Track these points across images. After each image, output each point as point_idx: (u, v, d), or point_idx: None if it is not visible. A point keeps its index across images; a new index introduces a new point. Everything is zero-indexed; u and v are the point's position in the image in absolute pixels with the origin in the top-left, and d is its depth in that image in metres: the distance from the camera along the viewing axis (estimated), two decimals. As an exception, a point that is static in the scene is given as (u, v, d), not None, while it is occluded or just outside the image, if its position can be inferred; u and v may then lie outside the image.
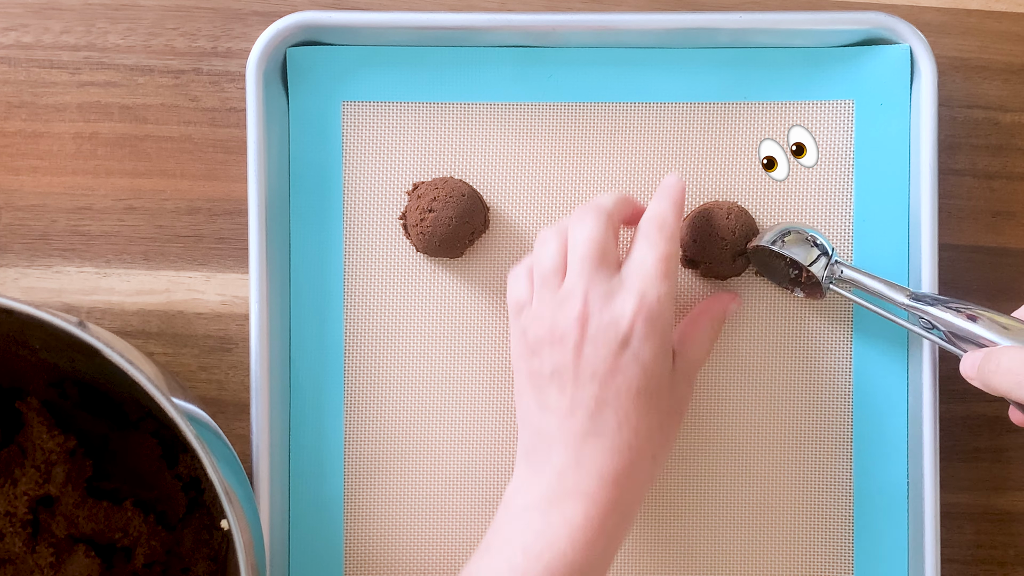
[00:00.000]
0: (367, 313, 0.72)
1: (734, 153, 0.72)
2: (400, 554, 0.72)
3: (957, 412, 0.74)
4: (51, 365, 0.67)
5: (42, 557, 0.66)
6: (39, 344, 0.66)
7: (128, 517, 0.67)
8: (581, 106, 0.71)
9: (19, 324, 0.62)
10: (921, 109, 0.70)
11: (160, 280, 0.72)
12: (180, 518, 0.68)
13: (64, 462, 0.67)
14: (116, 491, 0.69)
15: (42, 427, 0.67)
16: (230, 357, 0.72)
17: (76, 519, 0.67)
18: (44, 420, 0.67)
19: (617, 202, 0.66)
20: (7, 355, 0.67)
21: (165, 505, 0.68)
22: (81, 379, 0.68)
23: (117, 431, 0.69)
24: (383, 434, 0.72)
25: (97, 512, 0.67)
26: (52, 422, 0.67)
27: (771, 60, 0.71)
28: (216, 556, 0.68)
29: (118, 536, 0.67)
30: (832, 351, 0.72)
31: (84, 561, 0.67)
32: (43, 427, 0.67)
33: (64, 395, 0.69)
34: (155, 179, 0.72)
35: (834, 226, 0.72)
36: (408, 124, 0.71)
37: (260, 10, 0.72)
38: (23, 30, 0.72)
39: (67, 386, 0.69)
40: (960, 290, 0.73)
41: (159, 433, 0.69)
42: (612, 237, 0.65)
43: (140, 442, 0.68)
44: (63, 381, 0.68)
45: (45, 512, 0.67)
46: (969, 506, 0.74)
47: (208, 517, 0.68)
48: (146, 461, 0.68)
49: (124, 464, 0.69)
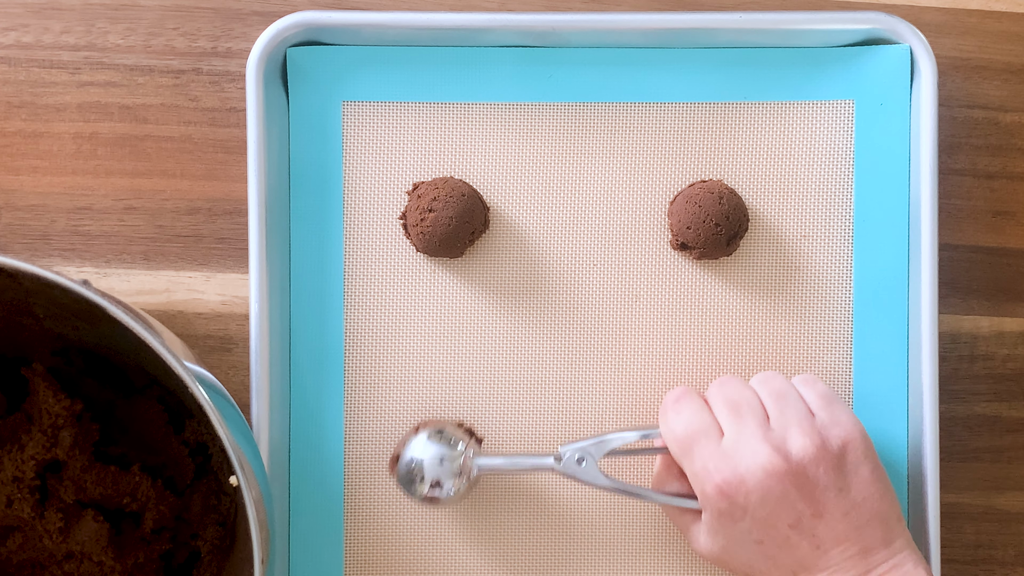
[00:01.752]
0: (367, 313, 0.71)
1: (734, 153, 0.72)
2: (400, 554, 0.72)
3: (957, 412, 0.74)
4: (56, 334, 0.67)
5: (51, 522, 0.66)
6: (43, 313, 0.66)
7: (136, 482, 0.67)
8: (581, 106, 0.71)
9: (23, 292, 0.62)
10: (921, 109, 0.70)
11: (160, 280, 0.72)
12: (188, 484, 0.69)
13: (71, 426, 0.67)
14: (123, 456, 0.69)
15: (48, 391, 0.67)
16: (230, 357, 0.72)
17: (84, 484, 0.67)
18: (50, 385, 0.67)
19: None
20: (11, 324, 0.67)
21: (173, 471, 0.69)
22: (86, 347, 0.68)
23: (123, 398, 0.69)
24: (383, 434, 0.72)
25: (105, 477, 0.67)
26: (58, 386, 0.67)
27: (771, 60, 0.71)
28: (224, 521, 0.69)
29: (126, 501, 0.67)
30: (832, 351, 0.72)
31: (93, 526, 0.67)
32: (49, 391, 0.67)
33: (69, 363, 0.69)
34: (155, 179, 0.72)
35: (834, 226, 0.72)
36: (408, 124, 0.71)
37: (260, 10, 0.72)
38: (23, 30, 0.72)
39: (72, 354, 0.69)
40: (960, 290, 0.73)
41: (164, 400, 0.69)
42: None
43: (146, 408, 0.69)
44: (68, 349, 0.68)
45: (53, 478, 0.67)
46: (969, 506, 0.74)
47: (216, 483, 0.69)
48: (153, 427, 0.68)
49: (131, 430, 0.69)
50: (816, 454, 0.64)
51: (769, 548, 0.64)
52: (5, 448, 0.67)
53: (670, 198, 0.72)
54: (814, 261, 0.72)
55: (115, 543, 0.67)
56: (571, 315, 0.72)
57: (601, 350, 0.72)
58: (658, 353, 0.72)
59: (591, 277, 0.72)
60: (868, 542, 0.64)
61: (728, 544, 0.65)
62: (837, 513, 0.63)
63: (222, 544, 0.69)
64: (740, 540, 0.65)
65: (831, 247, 0.72)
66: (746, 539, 0.64)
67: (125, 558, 0.67)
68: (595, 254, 0.72)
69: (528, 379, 0.72)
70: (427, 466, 0.68)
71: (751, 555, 0.65)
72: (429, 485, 0.68)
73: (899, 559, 0.64)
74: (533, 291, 0.72)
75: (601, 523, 0.72)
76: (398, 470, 0.69)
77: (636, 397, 0.72)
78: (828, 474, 0.64)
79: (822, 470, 0.64)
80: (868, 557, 0.64)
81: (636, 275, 0.72)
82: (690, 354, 0.72)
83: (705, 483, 0.64)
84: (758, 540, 0.64)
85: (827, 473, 0.64)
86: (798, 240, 0.72)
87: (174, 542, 0.69)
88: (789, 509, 0.63)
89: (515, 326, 0.72)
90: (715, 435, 0.65)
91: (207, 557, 0.68)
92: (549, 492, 0.72)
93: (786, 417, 0.65)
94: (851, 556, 0.63)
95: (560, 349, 0.72)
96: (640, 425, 0.71)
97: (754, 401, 0.66)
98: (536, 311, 0.72)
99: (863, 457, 0.65)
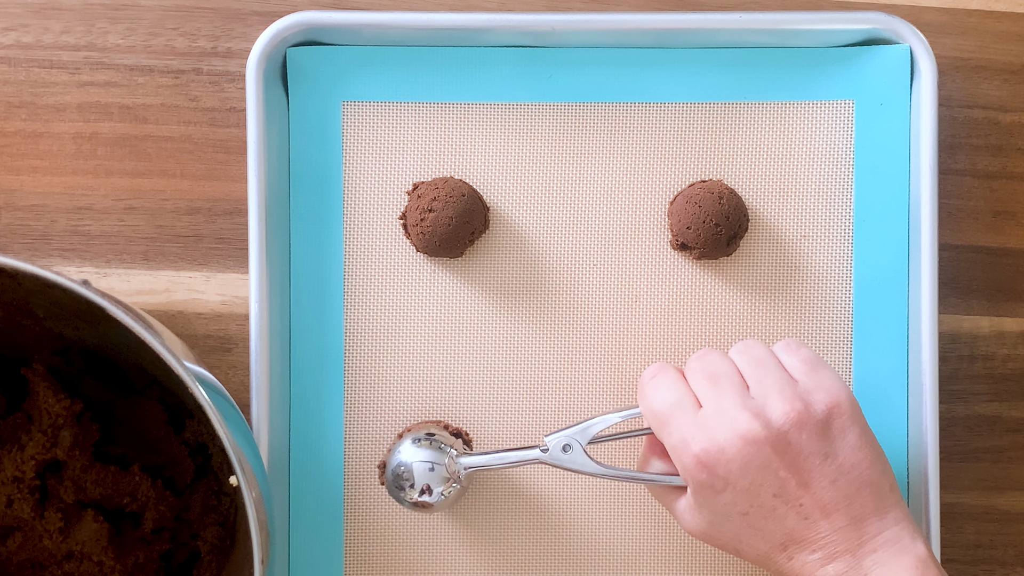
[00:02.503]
0: (367, 313, 0.71)
1: (734, 153, 0.72)
2: (400, 554, 0.72)
3: (957, 412, 0.74)
4: (56, 334, 0.67)
5: (51, 522, 0.67)
6: (43, 313, 0.66)
7: (136, 482, 0.67)
8: (581, 106, 0.71)
9: (23, 292, 0.62)
10: (921, 109, 0.70)
11: (160, 280, 0.72)
12: (188, 484, 0.69)
13: (71, 426, 0.67)
14: (123, 456, 0.69)
15: (48, 391, 0.67)
16: (230, 357, 0.72)
17: (84, 484, 0.67)
18: (50, 385, 0.67)
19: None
20: (12, 324, 0.67)
21: (173, 471, 0.69)
22: (86, 347, 0.68)
23: (123, 398, 0.69)
24: (383, 434, 0.72)
25: (105, 477, 0.67)
26: (58, 386, 0.67)
27: (771, 60, 0.71)
28: (224, 522, 0.69)
29: (126, 501, 0.67)
30: (832, 351, 0.72)
31: (93, 526, 0.67)
32: (49, 391, 0.67)
33: (70, 363, 0.69)
34: (155, 179, 0.72)
35: (834, 226, 0.72)
36: (408, 124, 0.71)
37: (260, 10, 0.72)
38: (23, 30, 0.72)
39: (72, 354, 0.69)
40: (960, 290, 0.73)
41: (164, 400, 0.69)
42: None
43: (146, 408, 0.69)
44: (68, 349, 0.68)
45: (53, 478, 0.67)
46: (969, 506, 0.74)
47: (216, 483, 0.69)
48: (153, 427, 0.68)
49: (131, 430, 0.69)
50: (798, 419, 0.62)
51: (755, 519, 0.62)
52: (5, 448, 0.67)
53: (670, 198, 0.72)
54: (814, 261, 0.72)
55: (115, 543, 0.67)
56: (571, 315, 0.72)
57: (601, 350, 0.72)
58: (658, 353, 0.72)
59: (591, 277, 0.72)
60: (859, 512, 0.62)
61: (714, 518, 0.64)
62: (824, 481, 0.61)
63: (222, 544, 0.69)
64: (725, 513, 0.63)
65: (831, 247, 0.72)
66: (731, 511, 0.63)
67: (125, 558, 0.67)
68: (595, 254, 0.72)
69: (528, 379, 0.72)
70: (414, 472, 0.68)
71: (738, 528, 0.63)
72: (418, 491, 0.68)
73: (894, 532, 0.62)
74: (533, 291, 0.72)
75: (600, 523, 0.72)
76: (386, 478, 0.69)
77: (636, 397, 0.72)
78: (812, 440, 0.62)
79: (805, 436, 0.62)
80: (860, 528, 0.62)
81: (636, 275, 0.72)
82: (690, 354, 0.72)
83: (684, 455, 0.63)
84: (743, 512, 0.62)
85: (811, 439, 0.62)
86: (798, 240, 0.72)
87: (174, 542, 0.69)
88: (772, 477, 0.62)
89: (515, 326, 0.72)
90: (692, 406, 0.64)
91: (207, 557, 0.68)
92: (548, 492, 0.72)
93: (765, 384, 0.63)
94: (842, 527, 0.61)
95: (560, 349, 0.72)
96: (622, 406, 0.71)
97: (732, 371, 0.64)
98: (536, 311, 0.72)
99: (850, 422, 0.63)
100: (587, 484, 0.72)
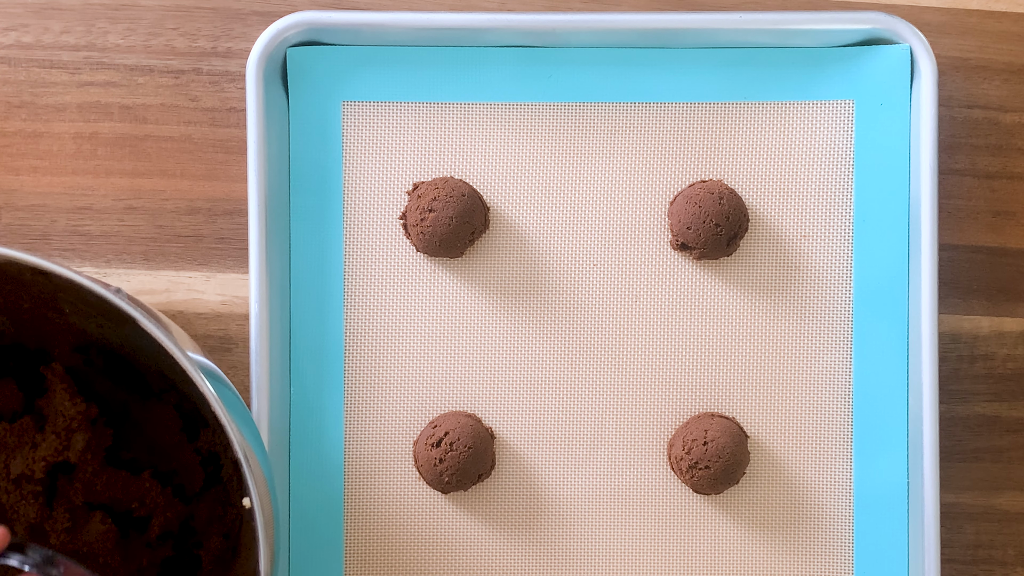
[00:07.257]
0: (367, 313, 0.72)
1: (734, 153, 0.72)
2: (400, 554, 0.72)
3: (957, 412, 0.74)
4: (79, 329, 0.67)
5: (59, 522, 0.67)
6: (69, 308, 0.66)
7: (146, 488, 0.68)
8: (581, 106, 0.71)
9: (52, 288, 0.62)
10: (921, 109, 0.70)
11: (160, 280, 0.72)
12: (196, 492, 0.69)
13: (85, 430, 0.67)
14: (135, 461, 0.69)
15: (65, 394, 0.67)
16: (230, 357, 0.72)
17: (94, 487, 0.67)
18: (67, 387, 0.67)
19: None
20: (37, 316, 0.67)
21: (182, 478, 0.69)
22: (108, 346, 0.68)
23: (140, 401, 0.69)
24: (383, 434, 0.72)
25: (115, 481, 0.67)
26: (75, 389, 0.67)
27: (771, 60, 0.71)
28: (229, 533, 0.69)
29: (135, 506, 0.68)
30: (832, 351, 0.72)
31: (100, 528, 0.67)
32: (66, 394, 0.67)
33: (89, 362, 0.69)
34: (155, 179, 0.72)
35: (834, 226, 0.72)
36: (408, 124, 0.71)
37: (260, 10, 0.72)
38: (23, 30, 0.72)
39: (93, 353, 0.69)
40: (960, 290, 0.73)
41: (181, 406, 0.69)
42: None
43: (162, 414, 0.68)
44: (89, 347, 0.68)
45: (63, 478, 0.67)
46: (969, 506, 0.74)
47: (224, 494, 0.69)
48: (167, 433, 0.68)
49: (144, 434, 0.69)
50: None
51: None
52: (17, 447, 0.67)
53: (670, 198, 0.72)
54: (814, 261, 0.72)
55: (121, 546, 0.67)
56: (571, 315, 0.72)
57: (601, 350, 0.72)
58: (658, 353, 0.72)
59: (591, 277, 0.72)
60: None
61: None
62: None
63: (224, 556, 0.68)
64: None
65: (831, 247, 0.72)
66: None
67: (129, 562, 0.67)
68: (595, 254, 0.72)
69: (528, 379, 0.72)
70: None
71: None
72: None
73: None
74: (533, 291, 0.72)
75: (601, 523, 0.72)
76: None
77: (636, 397, 0.72)
78: None
79: None
80: None
81: (636, 275, 0.72)
82: (690, 354, 0.72)
83: None
84: None
85: None
86: (798, 240, 0.72)
87: (176, 550, 0.69)
88: None
89: (515, 326, 0.72)
90: None
91: (208, 567, 0.68)
92: (549, 492, 0.72)
93: None
94: None
95: (560, 349, 0.72)
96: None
97: None
98: (536, 311, 0.72)
99: None
100: (587, 484, 0.72)
